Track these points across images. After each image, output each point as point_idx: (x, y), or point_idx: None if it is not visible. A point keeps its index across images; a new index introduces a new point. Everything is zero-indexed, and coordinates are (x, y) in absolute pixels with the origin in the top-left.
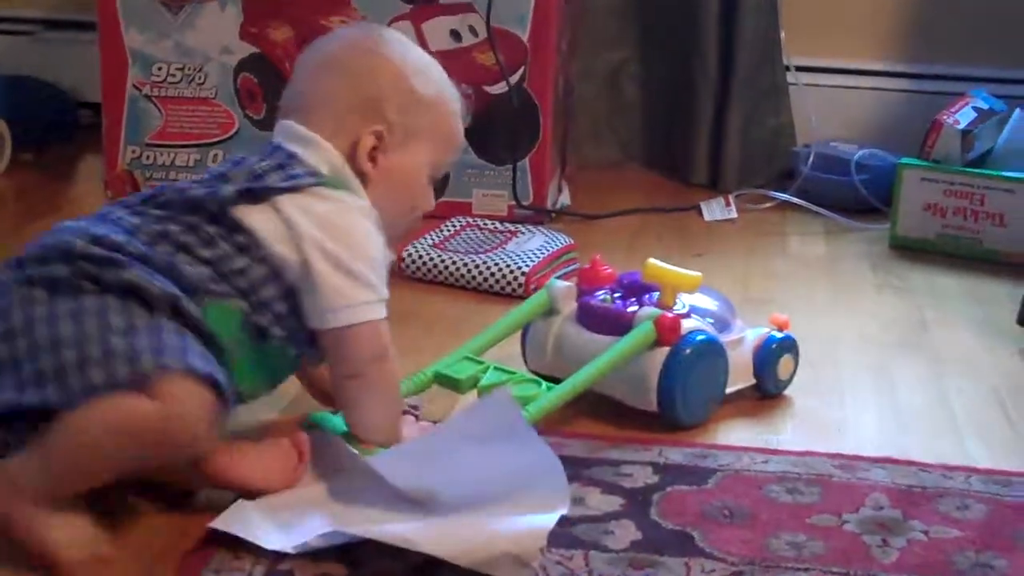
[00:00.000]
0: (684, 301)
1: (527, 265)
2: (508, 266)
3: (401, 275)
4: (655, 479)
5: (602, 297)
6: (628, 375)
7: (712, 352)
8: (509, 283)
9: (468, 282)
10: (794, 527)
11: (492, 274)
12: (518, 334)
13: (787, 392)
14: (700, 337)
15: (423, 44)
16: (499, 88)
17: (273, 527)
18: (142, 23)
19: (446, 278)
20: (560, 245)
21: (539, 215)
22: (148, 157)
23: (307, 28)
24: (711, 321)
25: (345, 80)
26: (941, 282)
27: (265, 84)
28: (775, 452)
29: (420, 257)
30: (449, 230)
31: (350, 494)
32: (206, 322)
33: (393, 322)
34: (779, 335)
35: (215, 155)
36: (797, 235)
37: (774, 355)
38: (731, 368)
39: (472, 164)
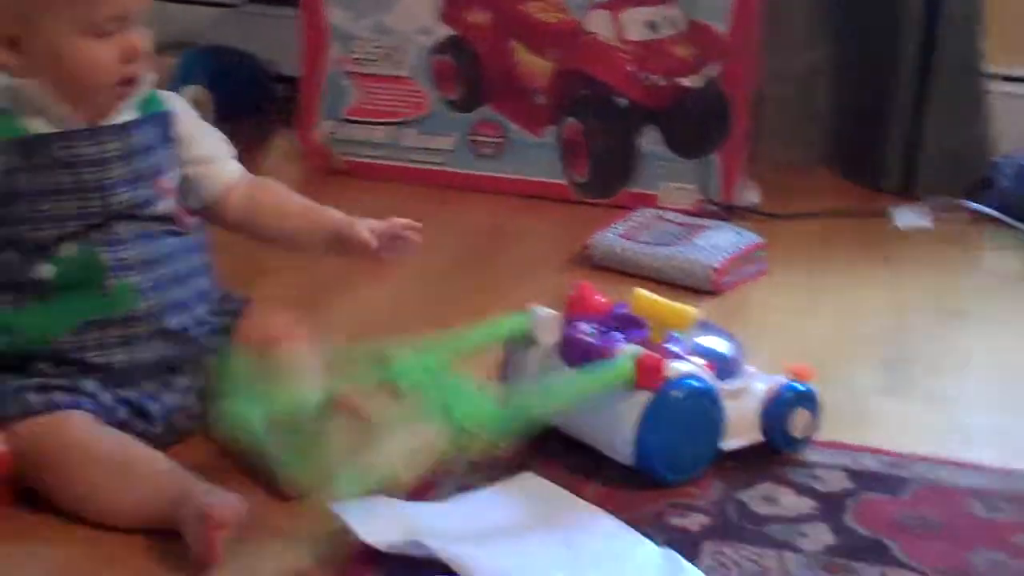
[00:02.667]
0: (686, 340)
1: (717, 261)
2: (698, 260)
3: (588, 263)
4: (849, 484)
5: (586, 329)
6: (603, 421)
7: (702, 399)
8: (698, 277)
9: (655, 274)
10: (994, 544)
11: (680, 267)
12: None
13: (985, 409)
14: (689, 382)
15: (619, 33)
16: (693, 82)
17: (383, 522)
18: (345, 1)
19: (633, 268)
20: (750, 243)
21: (725, 212)
22: (343, 132)
23: (506, 13)
24: (719, 365)
25: None
26: None
27: (460, 66)
28: (973, 467)
29: (608, 247)
30: (637, 221)
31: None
32: None
33: None
34: (797, 386)
35: (407, 133)
36: (993, 249)
37: (785, 408)
38: (730, 421)
39: (661, 156)
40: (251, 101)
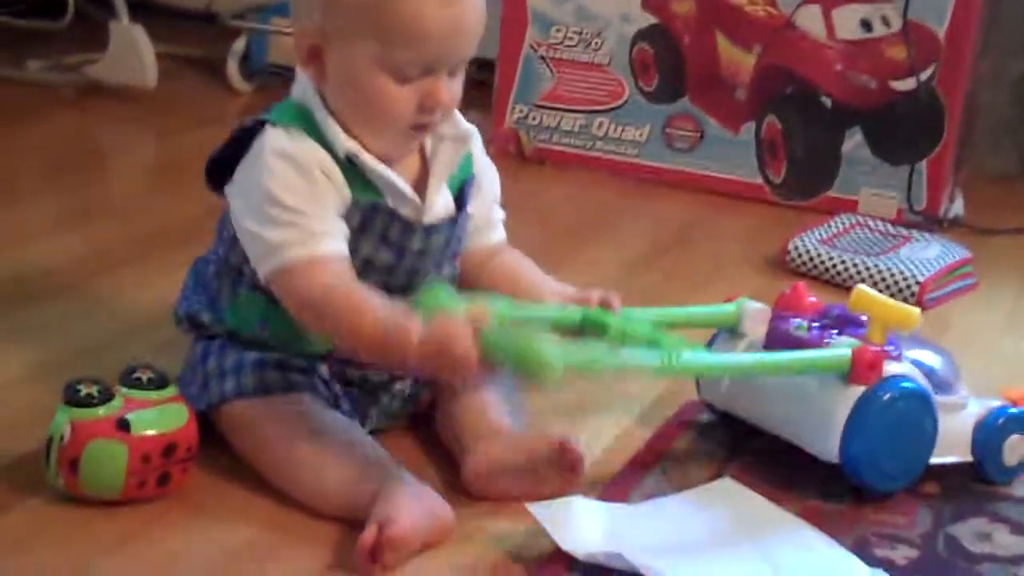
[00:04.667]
0: (902, 348)
1: (923, 274)
2: (902, 273)
3: (784, 266)
4: None
5: (797, 324)
6: (809, 413)
7: (918, 405)
8: (901, 291)
9: (855, 284)
10: None
11: (884, 279)
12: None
13: None
14: (906, 384)
15: (830, 31)
16: (905, 84)
17: (580, 529)
18: None
19: (833, 276)
20: (957, 257)
21: (929, 223)
22: (534, 117)
23: (711, 4)
24: (931, 381)
25: None
26: None
27: (660, 56)
28: None
29: (807, 252)
30: (837, 227)
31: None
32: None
33: None
34: (1012, 410)
35: (600, 122)
36: None
37: (1000, 432)
38: (942, 433)
39: (864, 160)
40: None
